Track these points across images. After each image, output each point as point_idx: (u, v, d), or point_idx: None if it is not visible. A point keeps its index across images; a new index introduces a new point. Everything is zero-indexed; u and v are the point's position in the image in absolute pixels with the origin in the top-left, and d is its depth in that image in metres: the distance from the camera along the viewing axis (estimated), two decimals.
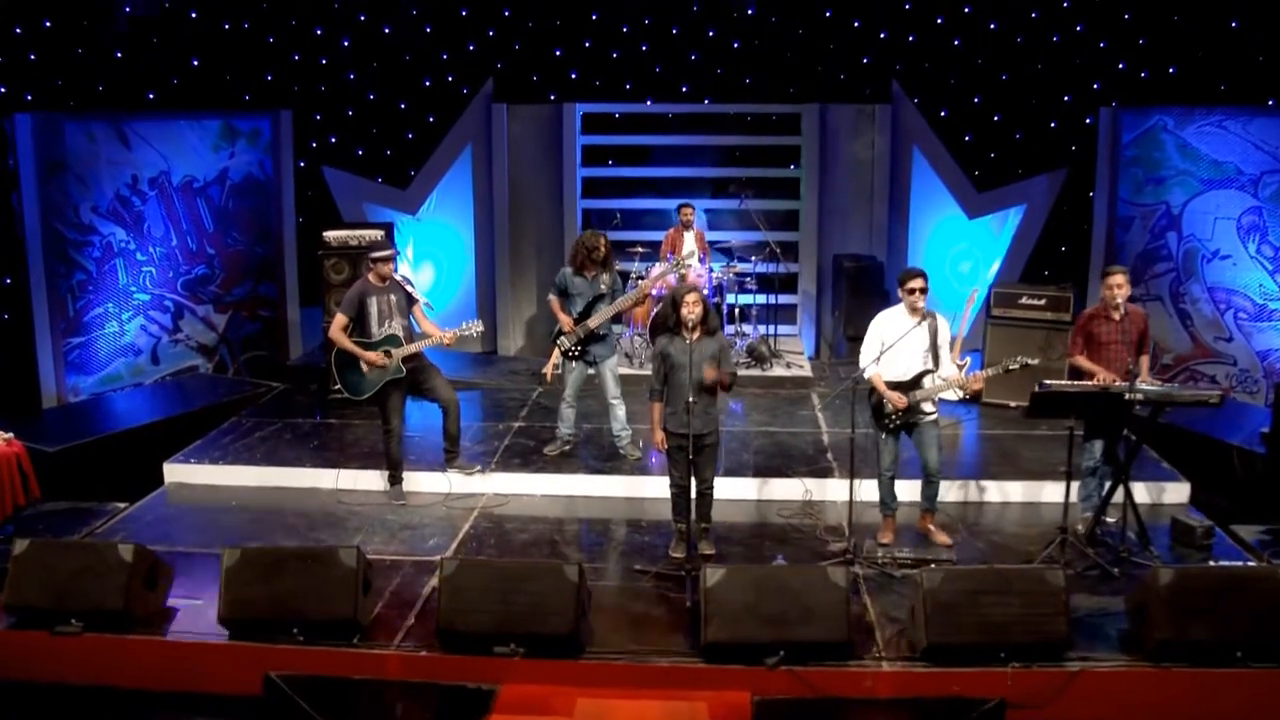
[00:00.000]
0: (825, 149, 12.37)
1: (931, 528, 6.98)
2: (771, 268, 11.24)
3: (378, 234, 9.78)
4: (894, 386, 6.69)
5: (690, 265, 10.57)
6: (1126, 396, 6.41)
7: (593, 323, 8.05)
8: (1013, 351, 9.58)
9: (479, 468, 7.96)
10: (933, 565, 6.42)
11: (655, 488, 7.83)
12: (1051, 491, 7.66)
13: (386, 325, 7.46)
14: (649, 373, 8.11)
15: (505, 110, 12.36)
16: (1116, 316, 6.97)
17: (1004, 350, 9.72)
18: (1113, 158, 11.24)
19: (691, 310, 6.43)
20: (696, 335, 6.48)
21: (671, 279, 10.32)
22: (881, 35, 11.95)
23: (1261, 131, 10.43)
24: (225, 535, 6.96)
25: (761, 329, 11.21)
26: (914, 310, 6.69)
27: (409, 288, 7.59)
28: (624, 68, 12.36)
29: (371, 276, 7.47)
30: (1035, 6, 11.40)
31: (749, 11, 12.00)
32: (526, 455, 8.40)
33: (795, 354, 11.20)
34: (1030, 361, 6.76)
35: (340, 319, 7.39)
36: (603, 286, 8.08)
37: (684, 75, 12.36)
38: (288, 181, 12.00)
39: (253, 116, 11.81)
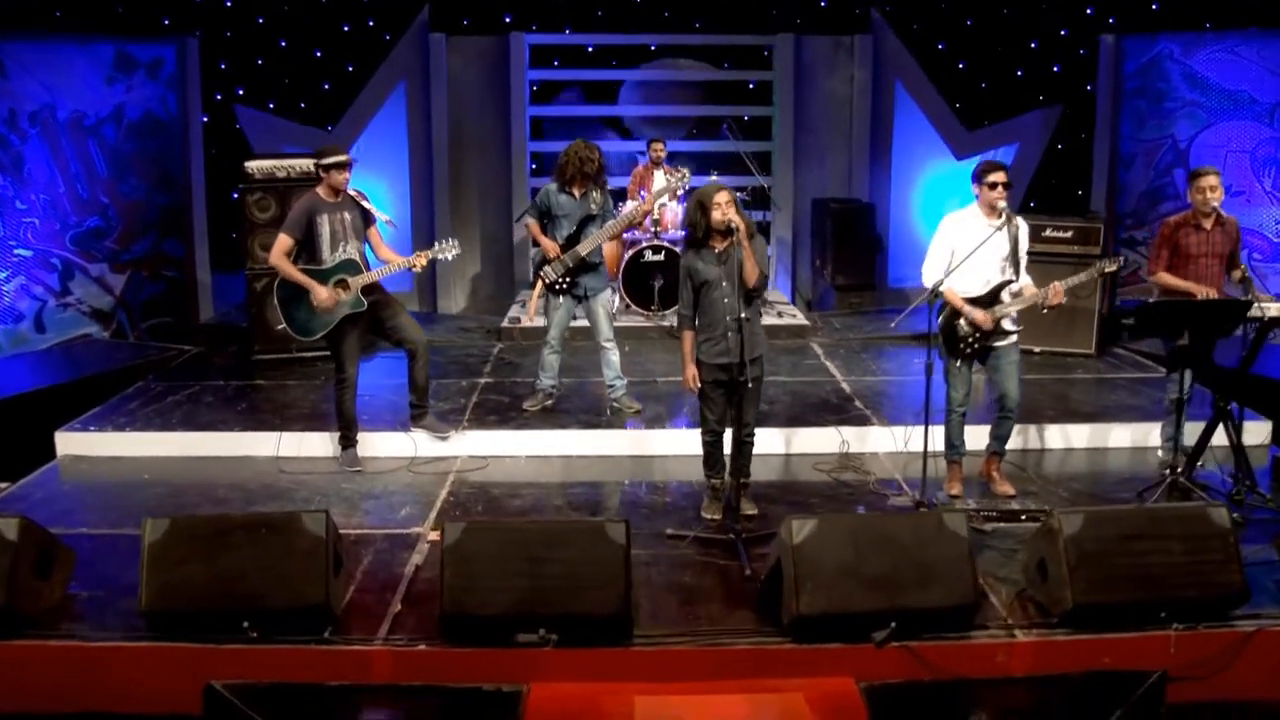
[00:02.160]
0: (800, 84, 11.26)
1: (996, 475, 5.90)
2: (758, 215, 10.12)
3: (309, 164, 8.29)
4: (968, 303, 5.60)
5: (666, 204, 9.39)
6: (1255, 309, 5.42)
7: (583, 249, 6.76)
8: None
9: (453, 431, 6.60)
10: (1024, 518, 5.39)
11: (664, 443, 6.63)
12: (1119, 435, 6.69)
13: (341, 249, 6.06)
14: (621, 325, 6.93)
15: (444, 42, 10.93)
16: (1207, 225, 5.99)
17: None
18: (1114, 90, 10.38)
19: (724, 213, 5.22)
20: (729, 243, 5.28)
21: (651, 218, 9.15)
22: None
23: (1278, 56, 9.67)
24: (138, 514, 5.45)
25: None
26: (993, 210, 5.60)
27: (366, 204, 6.19)
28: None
29: (321, 190, 6.05)
30: None
31: None
32: (503, 412, 7.08)
33: (782, 304, 10.09)
34: (1122, 263, 5.70)
35: (283, 241, 5.96)
36: (593, 206, 6.81)
37: (641, 3, 11.16)
38: (195, 120, 10.38)
39: (153, 44, 10.16)
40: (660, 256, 9.24)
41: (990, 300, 5.60)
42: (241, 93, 10.64)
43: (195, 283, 10.53)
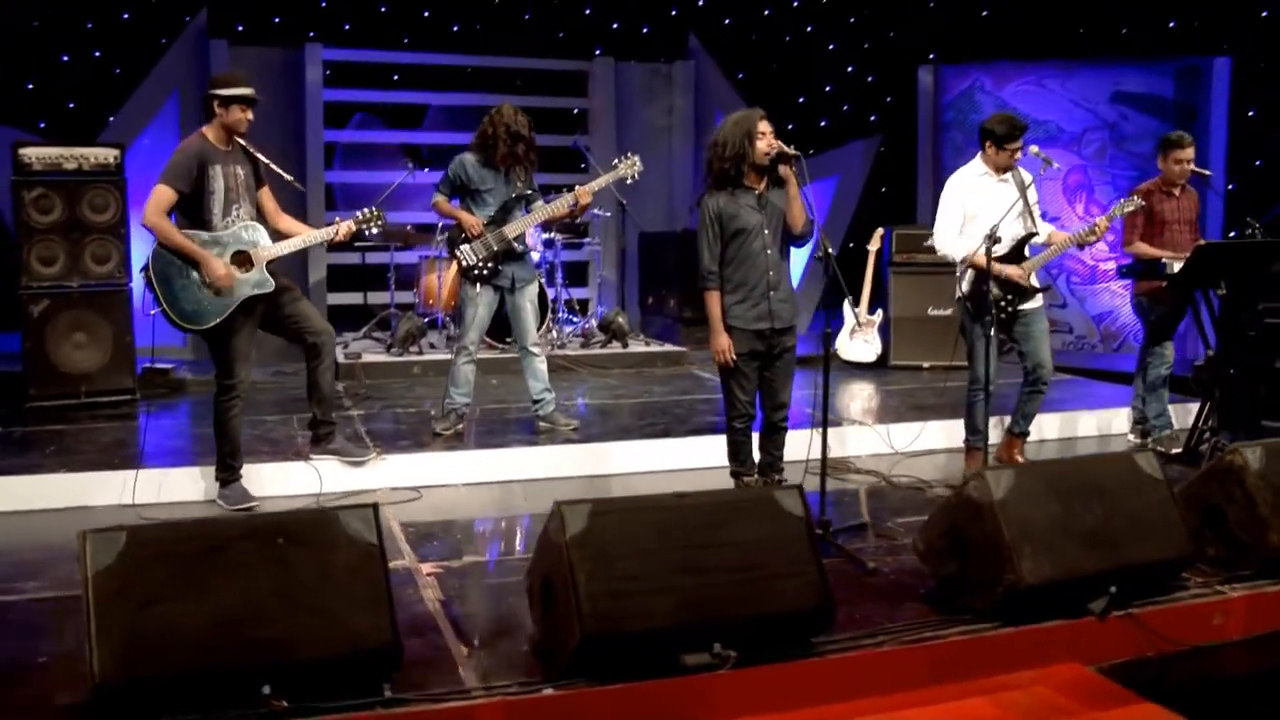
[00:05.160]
0: (621, 113, 10.67)
1: (1020, 459, 5.38)
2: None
3: (109, 153, 6.56)
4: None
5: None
6: None
7: (511, 230, 5.62)
8: (921, 302, 8.55)
9: (374, 453, 5.16)
10: None
11: (628, 458, 5.54)
12: (1086, 424, 6.41)
13: (234, 213, 4.57)
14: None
15: (225, 50, 9.34)
16: (1177, 192, 5.89)
17: (911, 301, 8.55)
18: (933, 121, 10.62)
19: (772, 143, 4.42)
20: (765, 183, 4.47)
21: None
22: None
23: (1082, 88, 10.24)
24: None
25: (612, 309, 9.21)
26: (1001, 168, 5.17)
27: (261, 157, 4.74)
28: (378, 11, 9.98)
29: (211, 132, 4.54)
30: None
31: None
32: (413, 437, 5.71)
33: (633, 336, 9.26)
34: (1141, 203, 5.41)
35: (163, 194, 4.38)
36: (519, 185, 5.69)
37: (450, 21, 10.21)
38: None
39: None
40: None
41: (1015, 258, 5.11)
42: None
43: None
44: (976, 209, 5.15)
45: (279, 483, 5.00)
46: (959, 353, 8.18)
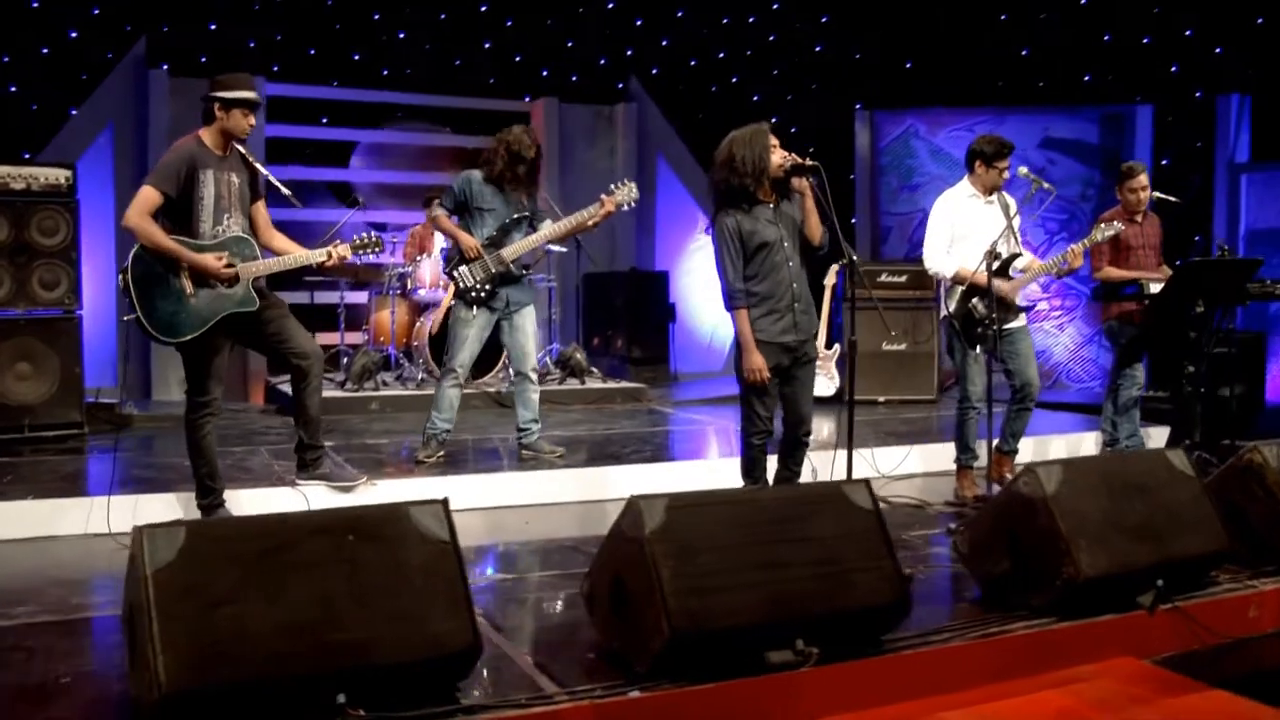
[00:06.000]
0: (564, 154, 10.67)
1: (1010, 476, 5.42)
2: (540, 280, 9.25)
3: (61, 174, 6.25)
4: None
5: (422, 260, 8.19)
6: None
7: (509, 252, 5.51)
8: (876, 336, 8.66)
9: (364, 479, 4.95)
10: None
11: (625, 482, 5.40)
12: (1057, 448, 6.57)
13: (225, 224, 4.37)
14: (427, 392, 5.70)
15: (165, 80, 9.04)
16: (1139, 219, 6.13)
17: (866, 336, 8.63)
18: (870, 164, 10.90)
19: (785, 156, 4.45)
20: (776, 196, 4.50)
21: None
22: (609, 32, 10.75)
23: (1012, 134, 10.57)
24: None
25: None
26: (989, 189, 5.32)
27: (260, 167, 4.57)
28: (319, 48, 9.85)
29: (208, 135, 4.35)
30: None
31: None
32: (395, 464, 5.52)
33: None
34: (1121, 226, 5.56)
35: (149, 196, 4.16)
36: (522, 208, 5.61)
37: (390, 62, 10.14)
38: None
39: None
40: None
41: (1003, 275, 5.24)
42: None
43: None
44: (965, 230, 5.28)
45: (262, 508, 4.70)
46: (915, 386, 8.46)
